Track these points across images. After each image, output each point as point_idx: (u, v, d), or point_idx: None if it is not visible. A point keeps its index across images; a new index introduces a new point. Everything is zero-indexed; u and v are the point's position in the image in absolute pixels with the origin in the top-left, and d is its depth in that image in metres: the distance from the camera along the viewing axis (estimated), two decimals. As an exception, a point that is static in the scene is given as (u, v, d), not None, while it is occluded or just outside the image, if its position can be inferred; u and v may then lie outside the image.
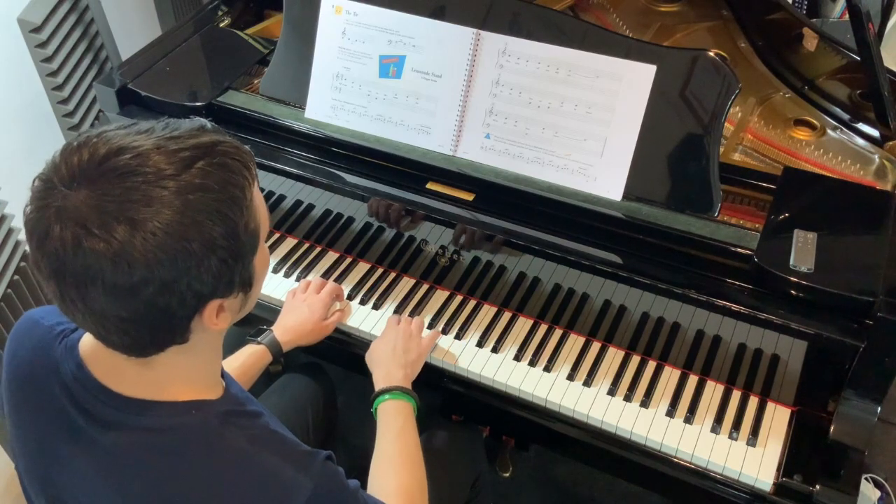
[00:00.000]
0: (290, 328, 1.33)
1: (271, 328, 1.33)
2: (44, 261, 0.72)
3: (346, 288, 1.47)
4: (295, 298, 1.39)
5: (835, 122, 1.46)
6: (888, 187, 1.34)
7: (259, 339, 1.30)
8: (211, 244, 0.73)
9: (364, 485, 1.05)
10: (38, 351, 0.88)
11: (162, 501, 0.81)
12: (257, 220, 0.80)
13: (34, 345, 0.89)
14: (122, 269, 0.70)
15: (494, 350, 1.36)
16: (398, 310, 1.43)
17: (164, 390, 0.83)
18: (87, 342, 0.85)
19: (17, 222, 1.65)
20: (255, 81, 1.58)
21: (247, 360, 1.25)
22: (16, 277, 1.65)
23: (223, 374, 0.92)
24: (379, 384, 1.23)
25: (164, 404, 0.82)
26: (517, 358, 1.35)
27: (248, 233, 0.78)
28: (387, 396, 1.20)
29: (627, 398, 1.28)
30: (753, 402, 1.27)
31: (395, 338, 1.30)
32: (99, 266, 0.70)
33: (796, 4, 2.04)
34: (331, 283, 1.42)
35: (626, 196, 1.26)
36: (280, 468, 0.83)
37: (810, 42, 1.44)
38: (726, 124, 1.32)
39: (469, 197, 1.33)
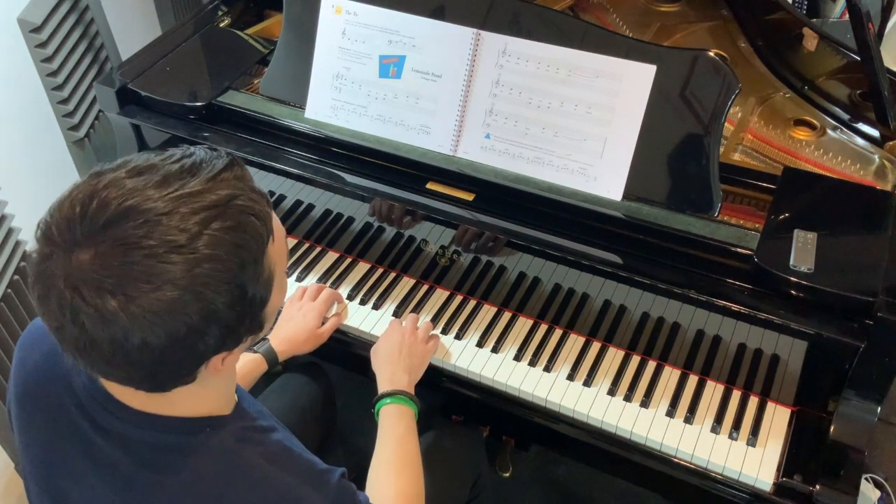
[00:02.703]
0: (286, 339, 1.33)
1: (268, 337, 1.33)
2: (45, 316, 0.71)
3: (346, 288, 1.47)
4: (291, 307, 1.39)
5: (835, 122, 1.46)
6: (888, 187, 1.34)
7: (255, 348, 1.30)
8: (213, 315, 0.71)
9: (362, 487, 1.05)
10: (49, 361, 0.88)
11: None
12: (271, 269, 0.77)
13: (44, 355, 0.89)
14: (118, 337, 0.69)
15: (494, 350, 1.36)
16: (398, 309, 1.43)
17: (176, 408, 0.82)
18: None
19: (17, 222, 1.65)
20: (255, 81, 1.58)
21: (242, 369, 1.25)
22: (16, 277, 1.65)
23: (236, 388, 0.91)
24: (383, 386, 1.23)
25: (177, 420, 0.82)
26: (517, 358, 1.34)
27: (260, 286, 0.76)
28: (389, 400, 1.20)
29: (627, 398, 1.28)
30: (753, 402, 1.27)
31: (400, 339, 1.30)
32: (95, 333, 0.69)
33: (796, 4, 2.04)
34: (327, 290, 1.41)
35: (626, 196, 1.26)
36: (297, 487, 0.83)
37: (810, 42, 1.44)
38: (726, 124, 1.32)
39: (469, 197, 1.33)
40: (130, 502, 0.82)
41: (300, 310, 1.37)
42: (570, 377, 1.31)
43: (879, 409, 1.15)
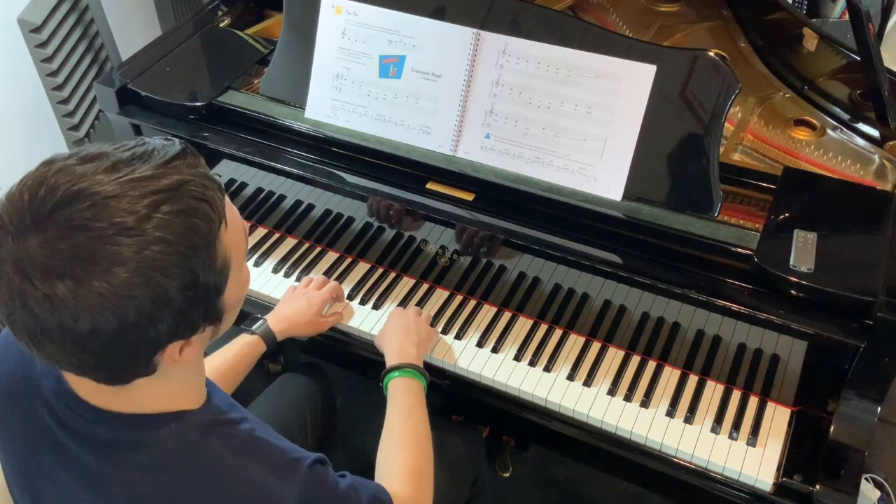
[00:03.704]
0: (285, 317, 1.33)
1: (265, 317, 1.33)
2: None
3: (346, 288, 1.47)
4: (295, 291, 1.40)
5: (835, 122, 1.46)
6: (888, 187, 1.34)
7: (253, 328, 1.30)
8: (164, 299, 0.70)
9: (372, 468, 1.05)
10: (19, 366, 0.87)
11: None
12: (226, 257, 0.76)
13: (14, 360, 0.88)
14: (67, 322, 0.68)
15: (494, 350, 1.36)
16: (398, 310, 1.43)
17: (141, 405, 0.81)
18: None
19: (17, 222, 1.65)
20: (255, 81, 1.58)
21: (240, 351, 1.25)
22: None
23: (206, 383, 0.90)
24: (391, 360, 1.23)
25: (143, 417, 0.81)
26: (517, 358, 1.34)
27: (213, 273, 0.75)
28: (398, 373, 1.20)
29: (627, 398, 1.28)
30: (753, 402, 1.27)
31: (406, 319, 1.30)
32: (45, 318, 0.68)
33: (796, 4, 2.04)
34: (332, 282, 1.42)
35: (626, 196, 1.26)
36: (263, 478, 0.82)
37: (810, 42, 1.44)
38: (726, 124, 1.31)
39: (469, 197, 1.33)
40: (101, 501, 0.82)
41: (304, 295, 1.38)
42: (570, 377, 1.31)
43: (879, 409, 1.15)
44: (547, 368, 1.33)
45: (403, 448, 1.09)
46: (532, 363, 1.33)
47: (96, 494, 0.82)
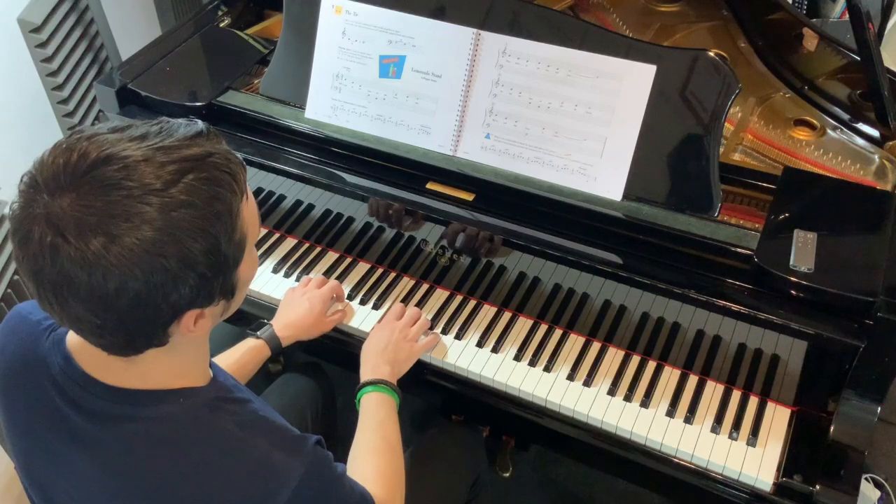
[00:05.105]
0: (290, 323, 1.33)
1: (270, 322, 1.33)
2: (24, 261, 0.73)
3: (346, 288, 1.47)
4: (294, 294, 1.40)
5: (835, 122, 1.46)
6: (888, 187, 1.34)
7: (258, 333, 1.30)
8: (189, 260, 0.74)
9: None
10: (26, 346, 0.89)
11: (153, 489, 0.82)
12: (244, 231, 0.80)
13: (22, 340, 0.90)
14: (97, 280, 0.71)
15: (494, 350, 1.36)
16: (398, 310, 1.43)
17: (150, 380, 0.83)
18: (74, 335, 0.85)
19: (17, 222, 1.65)
20: (255, 81, 1.58)
21: (244, 355, 1.26)
22: (16, 277, 1.66)
23: (211, 364, 0.92)
24: (365, 376, 1.24)
25: (152, 393, 0.83)
26: (517, 358, 1.34)
27: (233, 245, 0.78)
28: (370, 389, 1.21)
29: (627, 398, 1.28)
30: (753, 402, 1.27)
31: (389, 335, 1.30)
32: (74, 274, 0.71)
33: (796, 4, 2.04)
34: (332, 281, 1.42)
35: (626, 196, 1.26)
36: (270, 452, 0.84)
37: (810, 42, 1.44)
38: (726, 124, 1.32)
39: (469, 197, 1.33)
40: (109, 475, 0.83)
41: (304, 295, 1.38)
42: (570, 377, 1.31)
43: (879, 409, 1.15)
44: (547, 368, 1.33)
45: (376, 454, 1.10)
46: (532, 363, 1.33)
47: (105, 470, 0.83)
